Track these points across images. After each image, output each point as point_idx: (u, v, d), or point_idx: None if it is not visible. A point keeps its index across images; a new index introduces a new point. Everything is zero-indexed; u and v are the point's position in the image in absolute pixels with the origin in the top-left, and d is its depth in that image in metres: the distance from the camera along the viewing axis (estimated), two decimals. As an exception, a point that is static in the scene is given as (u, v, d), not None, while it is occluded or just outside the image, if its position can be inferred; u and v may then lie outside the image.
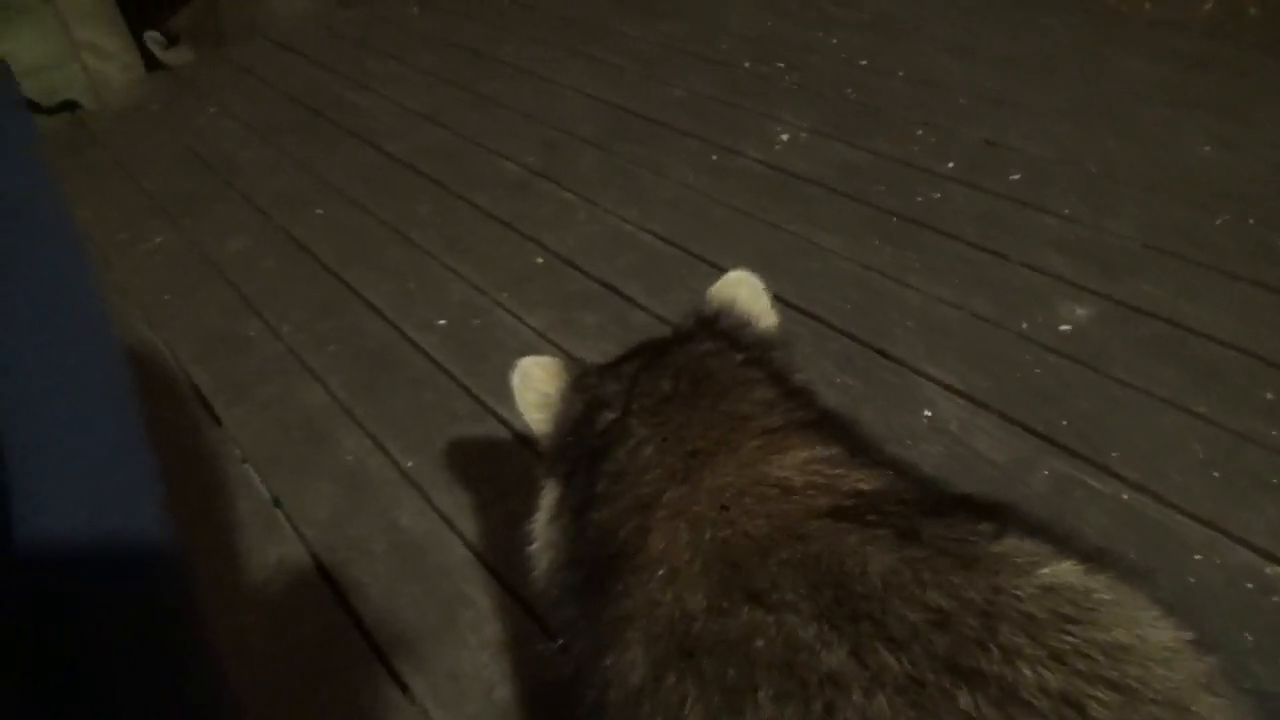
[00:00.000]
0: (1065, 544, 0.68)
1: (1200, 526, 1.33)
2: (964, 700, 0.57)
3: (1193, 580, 1.25)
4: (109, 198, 2.82)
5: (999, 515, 0.72)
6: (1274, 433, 1.45)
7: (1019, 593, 0.62)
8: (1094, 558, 0.67)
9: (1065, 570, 0.64)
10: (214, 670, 0.77)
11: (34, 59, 3.26)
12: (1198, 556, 1.29)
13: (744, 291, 1.00)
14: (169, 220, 2.65)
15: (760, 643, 0.66)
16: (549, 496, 0.96)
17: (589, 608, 0.83)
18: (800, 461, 0.80)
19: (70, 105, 3.43)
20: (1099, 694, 0.56)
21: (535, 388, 0.97)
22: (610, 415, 0.89)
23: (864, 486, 0.77)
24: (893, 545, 0.68)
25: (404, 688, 1.32)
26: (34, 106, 3.30)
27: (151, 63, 3.73)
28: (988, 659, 0.58)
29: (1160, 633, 0.61)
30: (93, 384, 0.67)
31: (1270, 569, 1.26)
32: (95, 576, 0.62)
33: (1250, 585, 1.24)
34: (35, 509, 0.58)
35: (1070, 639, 0.59)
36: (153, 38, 3.76)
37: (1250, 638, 1.16)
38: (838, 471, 0.79)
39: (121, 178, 2.94)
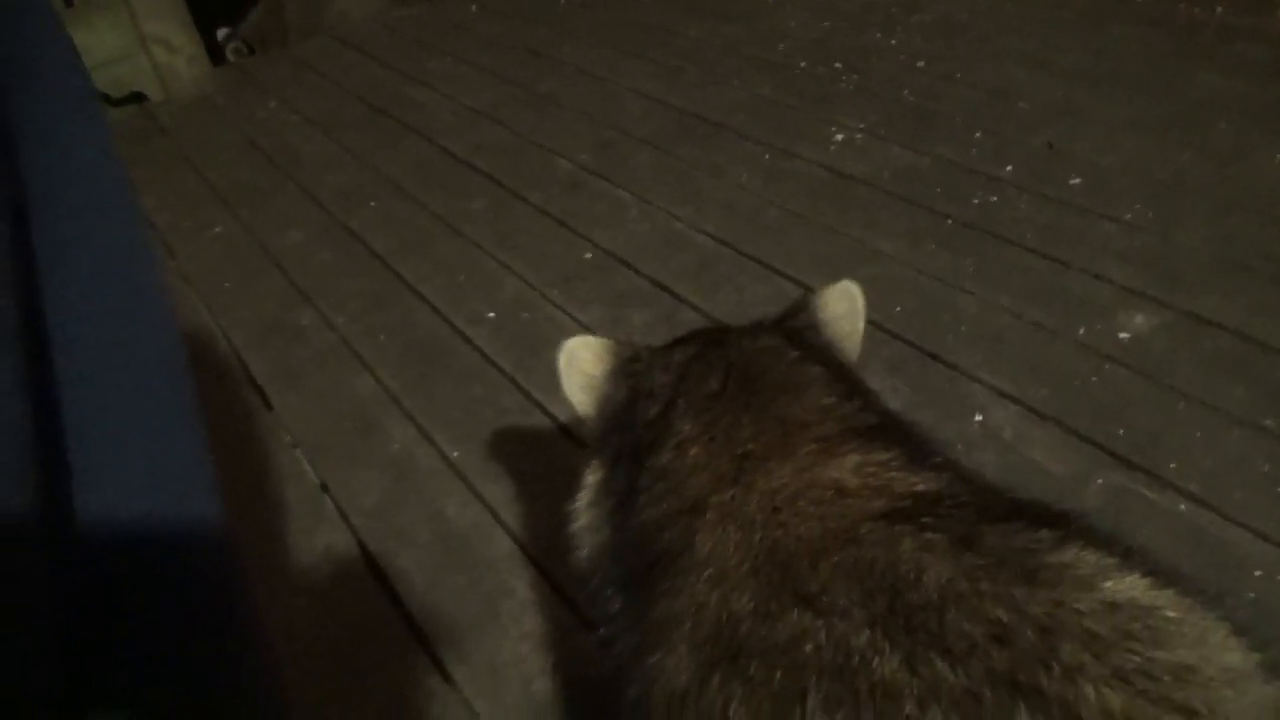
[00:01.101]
0: (1130, 556, 0.65)
1: (1263, 543, 1.29)
2: (1023, 717, 0.55)
3: (1253, 596, 1.21)
4: (173, 186, 2.89)
5: (1061, 523, 0.69)
6: (1344, 451, 1.40)
7: (1081, 607, 0.60)
8: (1161, 572, 0.64)
9: (1130, 585, 0.62)
10: (264, 651, 0.78)
11: (106, 52, 3.35)
12: (1258, 573, 1.24)
13: (841, 306, 0.96)
14: (230, 210, 2.70)
15: (809, 647, 0.64)
16: (592, 478, 0.95)
17: (632, 604, 0.82)
18: (855, 465, 0.78)
19: (138, 97, 3.52)
20: (1164, 716, 0.54)
21: (581, 369, 0.95)
22: (655, 408, 0.88)
23: (921, 488, 0.75)
24: (950, 552, 0.66)
25: (445, 676, 1.33)
26: (104, 98, 3.39)
27: (217, 57, 3.82)
28: (1048, 676, 0.56)
29: (1228, 654, 0.58)
30: (151, 362, 0.68)
31: (1337, 590, 1.21)
32: (151, 554, 0.63)
33: (1315, 606, 1.20)
34: (92, 485, 0.59)
35: (1135, 658, 0.56)
36: (235, 48, 3.86)
37: (1314, 660, 1.12)
38: (894, 474, 0.77)
39: (185, 167, 3.01)
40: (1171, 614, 0.60)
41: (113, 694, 0.62)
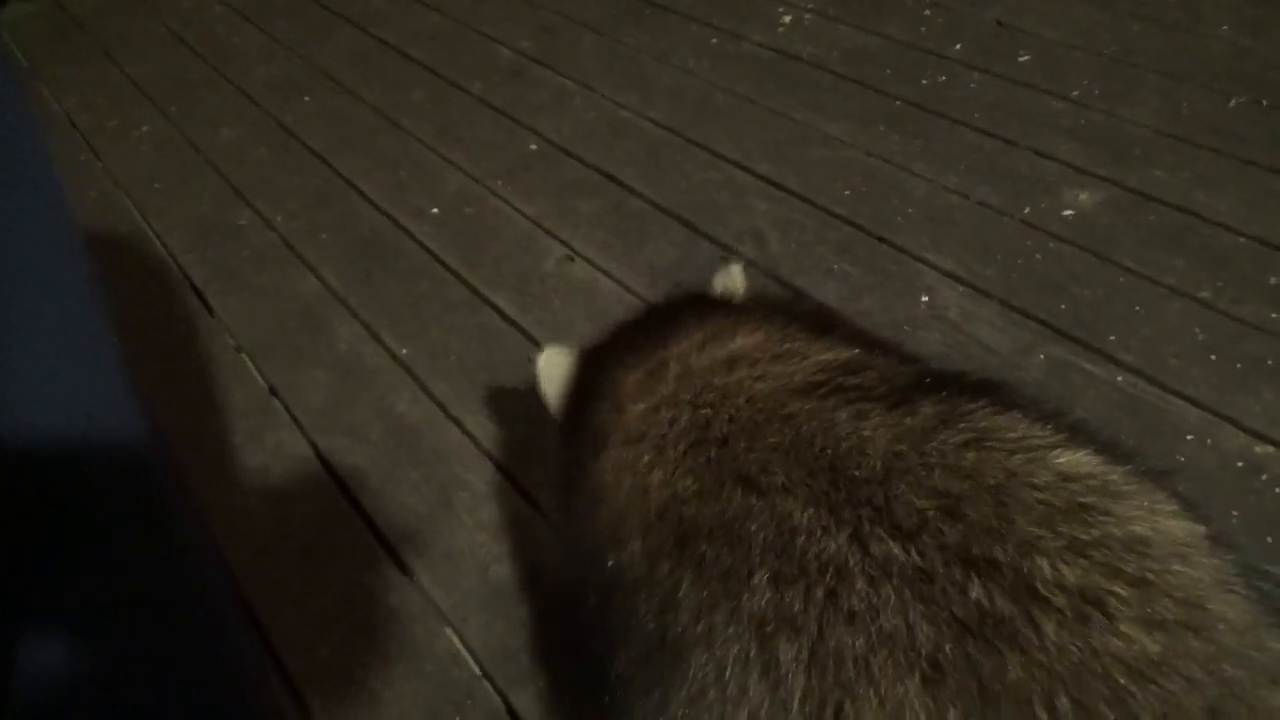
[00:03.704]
0: (1077, 430, 0.65)
1: (1195, 409, 1.33)
2: (976, 592, 0.55)
3: (1182, 460, 1.25)
4: (95, 85, 2.75)
5: (993, 392, 0.69)
6: (1275, 317, 1.43)
7: (1036, 480, 0.60)
8: (1107, 448, 0.64)
9: (1081, 458, 0.62)
10: (205, 553, 0.77)
11: (11, -60, 3.14)
12: (1189, 437, 1.28)
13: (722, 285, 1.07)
14: (157, 108, 2.58)
15: (754, 526, 0.64)
16: (559, 467, 0.99)
17: (582, 511, 0.83)
18: (758, 340, 0.80)
19: (51, -10, 3.32)
20: (1118, 589, 0.54)
21: (557, 376, 1.02)
22: (597, 388, 0.93)
23: (830, 357, 0.76)
24: (886, 421, 0.66)
25: (402, 567, 1.34)
26: (12, -9, 3.19)
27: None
28: (1003, 550, 0.56)
29: (1177, 526, 0.59)
30: (51, 276, 0.64)
31: (1261, 449, 1.25)
32: (73, 470, 0.61)
33: (1240, 465, 1.24)
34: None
35: (1091, 531, 0.56)
36: None
37: (1236, 514, 1.17)
38: (797, 344, 0.79)
39: (106, 64, 2.86)
40: (1124, 487, 0.60)
41: (56, 605, 0.61)
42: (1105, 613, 0.53)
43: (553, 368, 1.03)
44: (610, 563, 0.74)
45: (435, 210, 2.02)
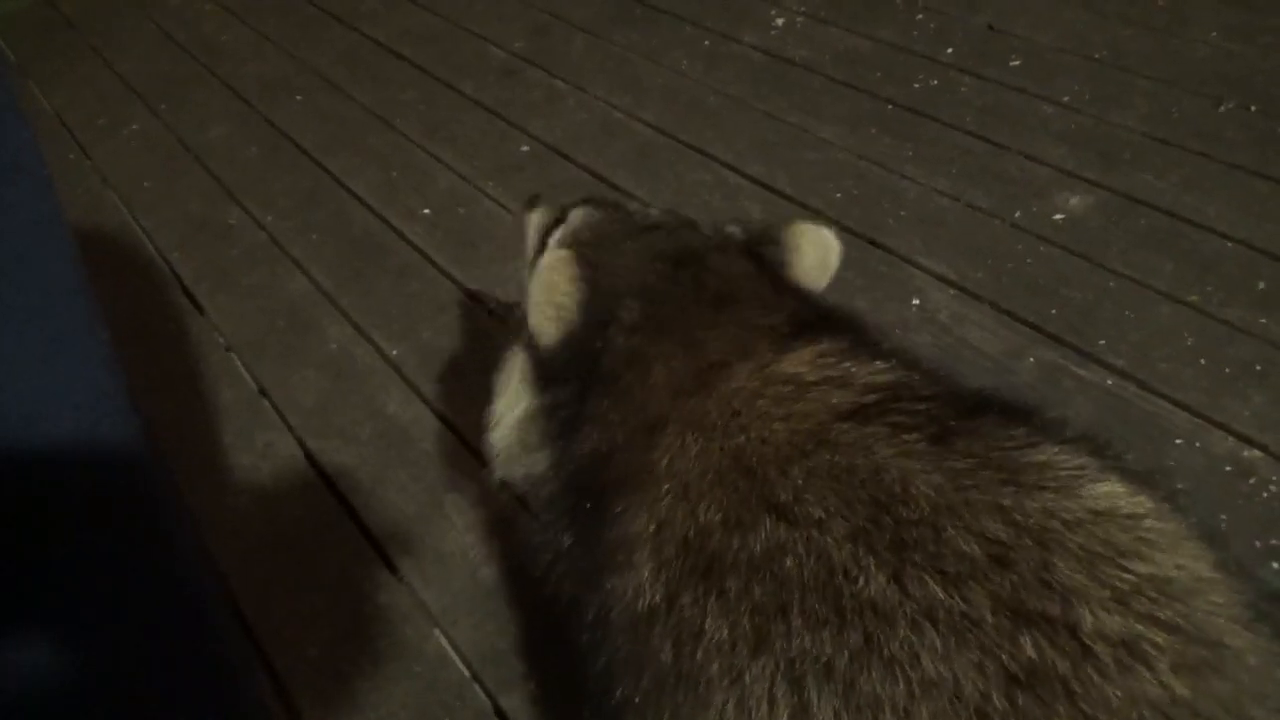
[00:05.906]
0: (1103, 451, 0.65)
1: (1184, 413, 1.33)
2: (1028, 644, 0.53)
3: (1171, 464, 1.26)
4: (85, 83, 2.74)
5: (1026, 419, 0.68)
6: (1263, 321, 1.44)
7: (1069, 517, 0.59)
8: (1130, 470, 0.64)
9: (1111, 492, 0.61)
10: (195, 552, 0.77)
11: (0, -64, 3.12)
12: (1179, 441, 1.29)
13: (815, 254, 0.92)
14: (147, 106, 2.57)
15: (788, 561, 0.61)
16: (532, 395, 0.91)
17: (583, 533, 0.79)
18: (810, 356, 0.76)
19: (41, -14, 3.30)
20: (1155, 637, 0.53)
21: (555, 300, 0.88)
22: (622, 337, 0.84)
23: (880, 379, 0.73)
24: (929, 455, 0.64)
25: (392, 568, 1.33)
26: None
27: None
28: (1053, 603, 0.55)
29: (1196, 563, 0.59)
30: (41, 269, 0.63)
31: (1249, 453, 1.26)
32: (61, 466, 0.60)
33: (1229, 469, 1.25)
34: None
35: (1127, 576, 0.56)
36: None
37: (1225, 518, 1.18)
38: (849, 364, 0.75)
39: (96, 62, 2.84)
40: (1150, 523, 0.60)
41: (47, 611, 0.60)
42: (1145, 662, 0.53)
43: (555, 300, 0.88)
44: (611, 583, 0.71)
45: (426, 210, 2.02)
